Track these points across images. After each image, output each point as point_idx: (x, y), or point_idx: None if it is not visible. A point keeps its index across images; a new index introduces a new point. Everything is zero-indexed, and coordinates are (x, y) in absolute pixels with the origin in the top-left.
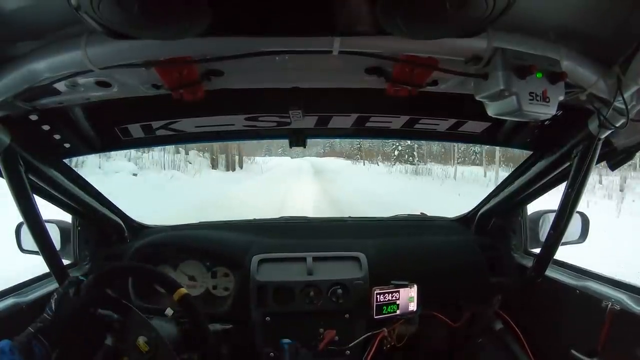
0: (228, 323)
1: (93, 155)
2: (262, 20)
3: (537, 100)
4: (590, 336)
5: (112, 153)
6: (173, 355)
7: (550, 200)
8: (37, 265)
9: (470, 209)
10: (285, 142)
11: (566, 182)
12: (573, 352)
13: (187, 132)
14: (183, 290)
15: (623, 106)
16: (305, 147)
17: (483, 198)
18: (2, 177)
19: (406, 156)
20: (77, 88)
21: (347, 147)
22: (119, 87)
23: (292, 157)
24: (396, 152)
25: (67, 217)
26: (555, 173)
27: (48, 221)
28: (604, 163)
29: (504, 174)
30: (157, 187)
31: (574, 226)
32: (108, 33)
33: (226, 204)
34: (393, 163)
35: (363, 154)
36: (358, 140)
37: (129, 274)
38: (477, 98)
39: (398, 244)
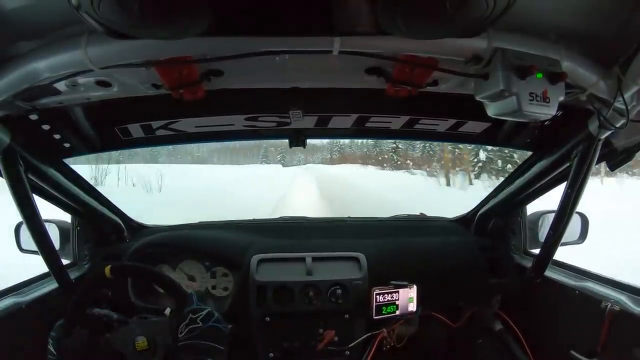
0: (227, 323)
1: None
2: (262, 20)
3: (537, 101)
4: (589, 337)
5: None
6: (172, 354)
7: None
8: None
9: (470, 209)
10: (278, 149)
11: (566, 182)
12: (572, 352)
13: (187, 132)
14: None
15: (623, 107)
16: (305, 147)
17: (482, 198)
18: (2, 176)
19: (500, 162)
20: (77, 88)
21: (362, 149)
22: (119, 87)
23: (284, 166)
24: (483, 157)
25: (66, 217)
26: (555, 173)
27: (47, 221)
28: None
29: None
30: None
31: (573, 227)
32: (108, 33)
33: None
34: (476, 172)
35: (431, 160)
36: (392, 141)
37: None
38: (477, 98)
39: (398, 244)
